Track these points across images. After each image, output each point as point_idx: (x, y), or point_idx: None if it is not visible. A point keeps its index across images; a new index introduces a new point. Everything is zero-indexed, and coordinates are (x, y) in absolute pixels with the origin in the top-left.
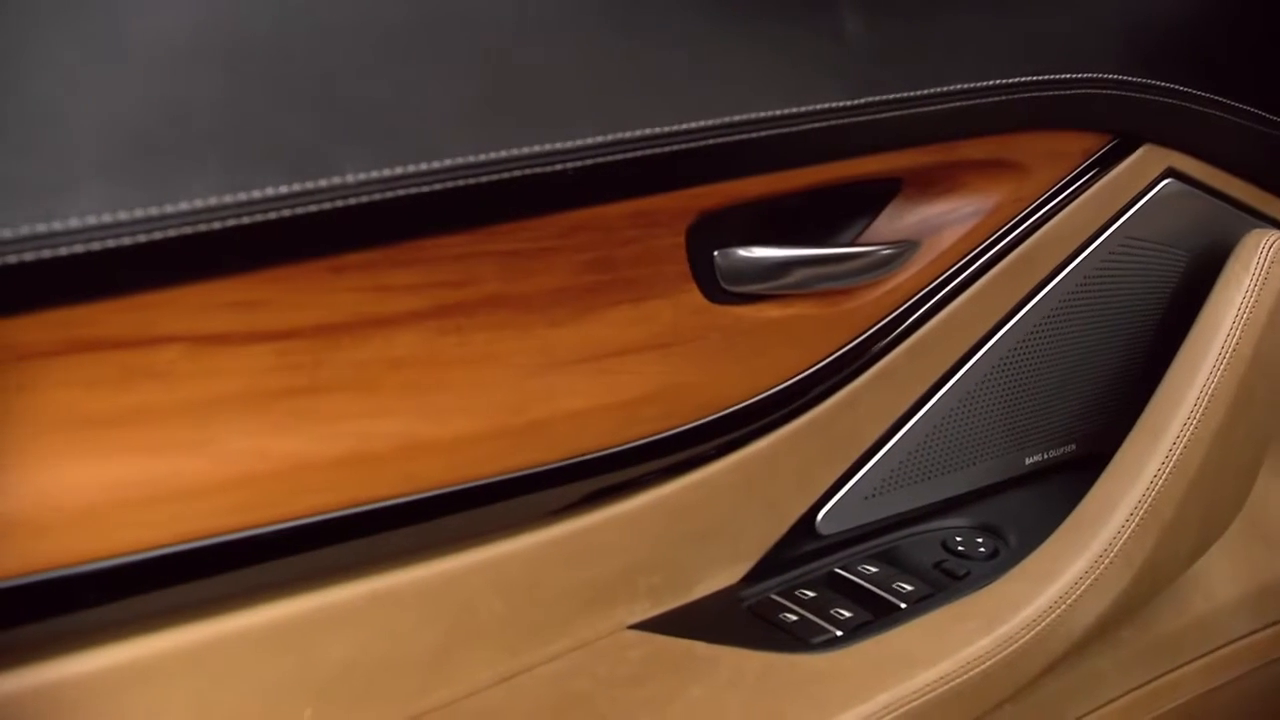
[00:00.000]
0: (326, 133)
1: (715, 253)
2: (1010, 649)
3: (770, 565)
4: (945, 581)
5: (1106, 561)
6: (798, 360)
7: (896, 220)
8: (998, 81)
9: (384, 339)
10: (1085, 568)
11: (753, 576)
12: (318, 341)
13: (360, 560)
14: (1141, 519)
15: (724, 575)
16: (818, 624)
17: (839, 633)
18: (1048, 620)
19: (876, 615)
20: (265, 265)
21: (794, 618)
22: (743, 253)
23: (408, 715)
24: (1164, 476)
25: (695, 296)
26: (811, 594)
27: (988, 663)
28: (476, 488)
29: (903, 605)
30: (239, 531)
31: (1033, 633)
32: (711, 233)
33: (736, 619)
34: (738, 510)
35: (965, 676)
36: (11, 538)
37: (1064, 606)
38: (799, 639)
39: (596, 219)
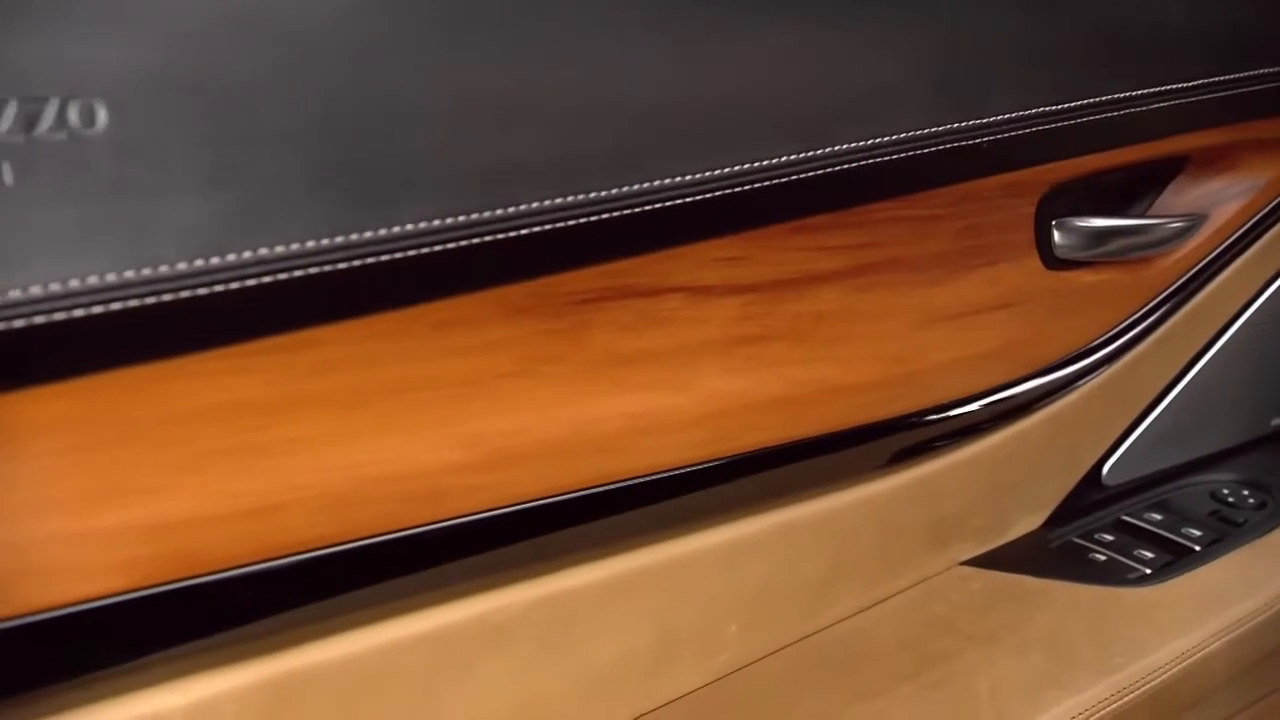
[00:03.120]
0: (824, 106)
1: (1054, 222)
2: None
3: (1063, 512)
4: (1226, 528)
5: None
6: (1102, 323)
7: (1181, 195)
8: None
9: (816, 294)
10: None
11: (1050, 522)
12: (771, 295)
13: (773, 493)
14: None
15: (1028, 520)
16: (1126, 563)
17: (1147, 570)
18: None
19: (1176, 556)
20: (755, 225)
21: (1102, 558)
22: (1077, 222)
23: (801, 635)
24: None
25: (1035, 261)
26: (1110, 538)
27: None
28: (865, 430)
29: (1196, 548)
30: (703, 463)
31: None
32: (1051, 204)
33: (1049, 558)
34: (1044, 460)
35: (1271, 610)
36: (552, 457)
37: None
38: (1113, 576)
39: (980, 189)
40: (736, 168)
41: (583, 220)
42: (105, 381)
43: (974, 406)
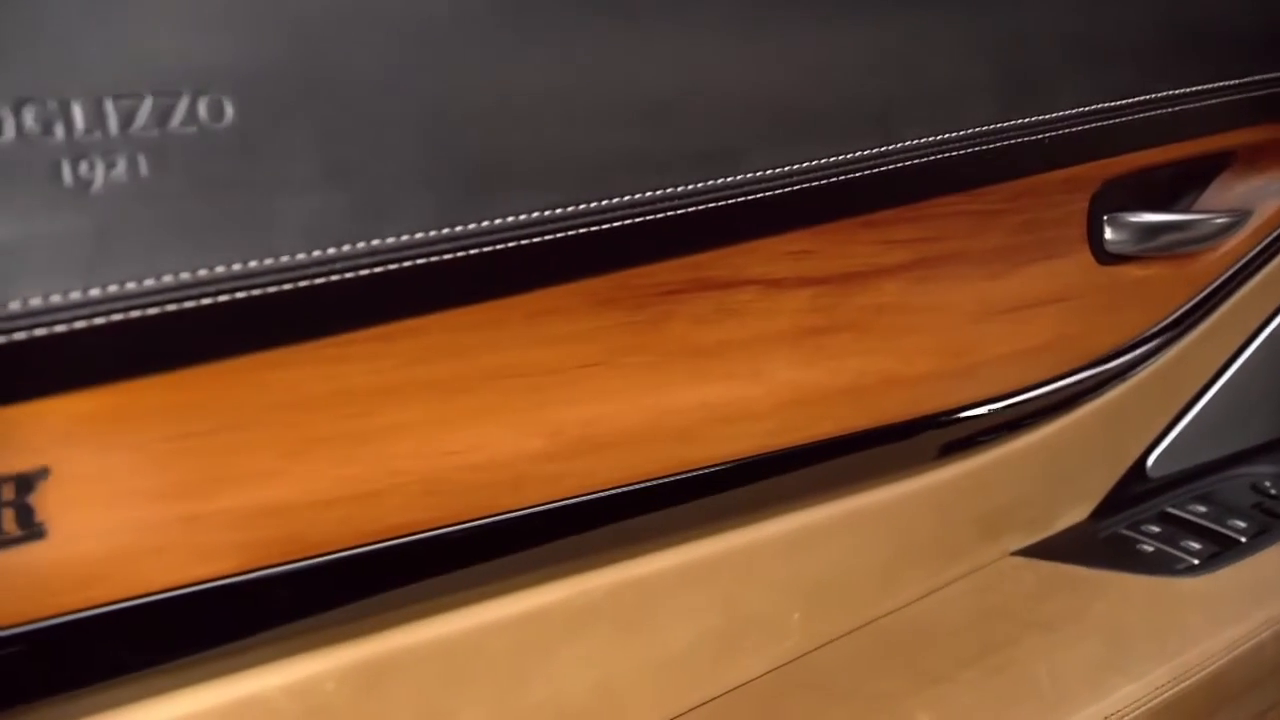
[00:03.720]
0: (895, 101)
1: (1105, 217)
2: None
3: (1109, 504)
4: (1269, 520)
5: None
6: (1148, 317)
7: (1227, 190)
8: None
9: (879, 287)
10: None
11: (1096, 514)
12: (837, 287)
13: (836, 482)
14: None
15: (1075, 512)
16: (1174, 554)
17: (1195, 561)
18: None
19: (1222, 548)
20: (827, 219)
21: (1150, 549)
22: (1128, 218)
23: (861, 622)
24: None
25: (1087, 256)
26: (1156, 529)
27: None
28: (923, 420)
29: (1242, 540)
30: (773, 452)
31: None
32: (1103, 199)
33: (1098, 549)
34: (1091, 453)
35: None
36: (631, 445)
37: None
38: (1162, 566)
39: (1038, 185)
40: (815, 162)
41: (671, 213)
42: (221, 369)
43: (1026, 399)
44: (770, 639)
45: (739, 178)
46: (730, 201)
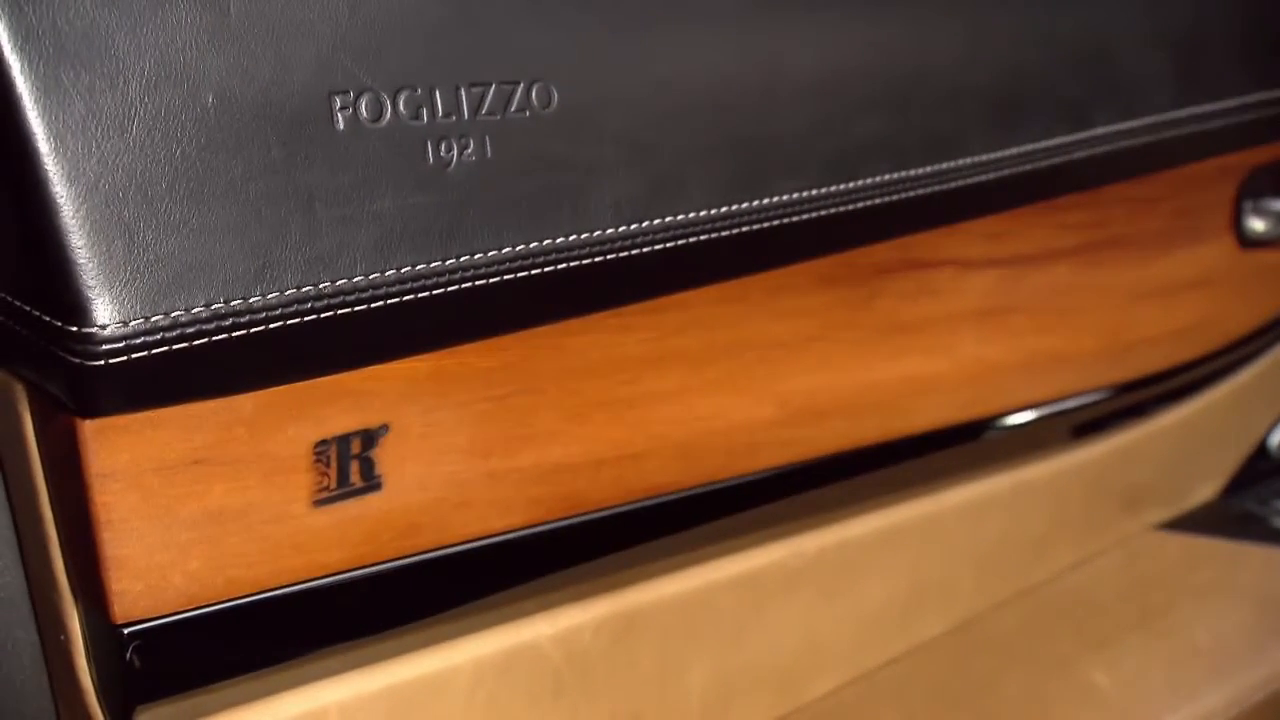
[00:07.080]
0: (1087, 89)
1: (1249, 204)
2: None
3: (1237, 480)
4: None
5: None
6: (1276, 303)
7: None
8: None
9: (1051, 269)
10: None
11: (1227, 490)
12: (1017, 269)
13: (1007, 453)
14: None
15: (1207, 488)
16: None
17: None
18: None
19: None
20: (1021, 203)
21: None
22: (1274, 204)
23: (1023, 587)
24: None
25: (1231, 241)
26: None
27: None
28: (1081, 397)
29: None
30: (958, 424)
31: None
32: (1247, 187)
33: (1233, 523)
34: (1222, 431)
35: None
36: (843, 414)
37: None
38: None
39: (1193, 173)
40: (1025, 148)
41: (908, 195)
42: (527, 336)
43: (1169, 378)
44: (947, 602)
45: (964, 161)
46: (956, 184)
